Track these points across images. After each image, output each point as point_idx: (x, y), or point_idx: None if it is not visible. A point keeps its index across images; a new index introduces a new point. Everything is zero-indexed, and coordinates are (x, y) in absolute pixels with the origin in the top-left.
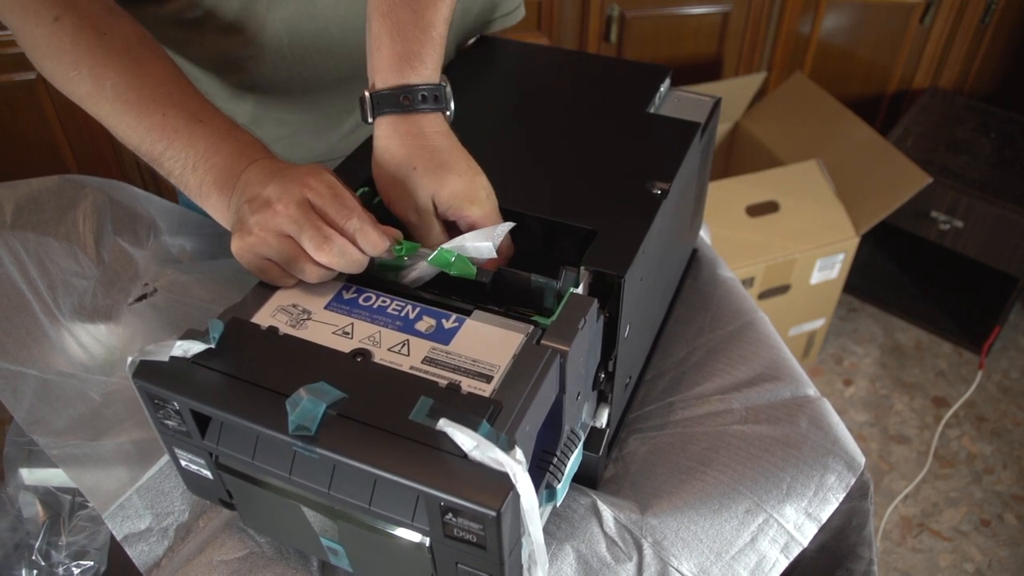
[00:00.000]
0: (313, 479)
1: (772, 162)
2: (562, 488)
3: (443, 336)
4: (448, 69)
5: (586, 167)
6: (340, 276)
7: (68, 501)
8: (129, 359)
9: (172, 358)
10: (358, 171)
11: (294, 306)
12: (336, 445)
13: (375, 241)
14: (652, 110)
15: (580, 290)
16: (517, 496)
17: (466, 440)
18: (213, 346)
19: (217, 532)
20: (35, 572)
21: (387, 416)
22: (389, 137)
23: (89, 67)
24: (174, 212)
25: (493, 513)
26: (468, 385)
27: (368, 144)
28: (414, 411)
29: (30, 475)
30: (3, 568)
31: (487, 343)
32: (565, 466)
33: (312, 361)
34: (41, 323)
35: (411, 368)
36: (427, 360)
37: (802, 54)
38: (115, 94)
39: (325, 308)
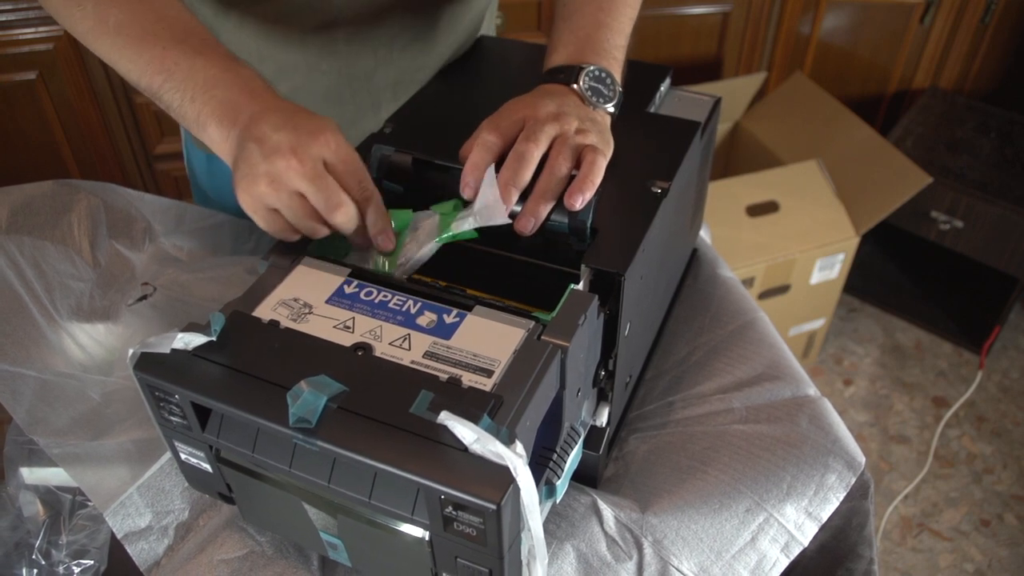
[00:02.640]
0: (313, 472)
1: (772, 162)
2: (562, 485)
3: (444, 331)
4: (447, 69)
5: None
6: (340, 271)
7: (68, 500)
8: (131, 351)
9: (173, 350)
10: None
11: (295, 300)
12: (336, 438)
13: (383, 214)
14: (652, 109)
15: (581, 287)
16: (517, 490)
17: (467, 433)
18: (214, 339)
19: (217, 531)
20: (35, 571)
21: (388, 409)
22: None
23: (93, 3)
24: (171, 209)
25: (493, 506)
26: (469, 379)
27: (369, 142)
28: (415, 404)
29: (30, 474)
30: (3, 567)
31: (488, 338)
32: (565, 463)
33: (313, 354)
34: (39, 325)
35: (412, 362)
36: (428, 354)
37: (802, 54)
38: (117, 29)
39: (326, 302)
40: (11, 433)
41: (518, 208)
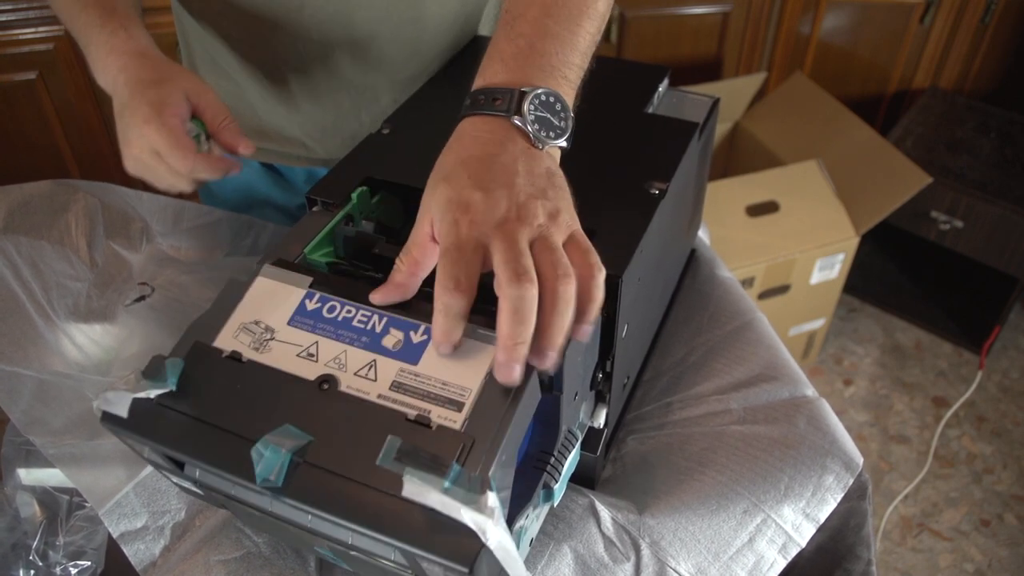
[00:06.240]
0: (293, 514)
1: (772, 162)
2: (559, 488)
3: (411, 353)
4: (444, 70)
5: (584, 166)
6: (302, 281)
7: (65, 501)
8: (94, 403)
9: (135, 400)
10: (356, 171)
11: (256, 323)
12: (304, 497)
13: (211, 170)
14: (650, 110)
15: None
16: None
17: (431, 499)
18: (174, 389)
19: (214, 532)
20: (32, 572)
21: (354, 462)
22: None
23: None
24: (168, 206)
25: (465, 569)
26: (438, 415)
27: (367, 142)
28: (381, 455)
29: (28, 475)
30: (1, 568)
31: (458, 360)
32: (562, 466)
33: (276, 395)
34: (36, 325)
35: (379, 396)
36: (395, 385)
37: (802, 54)
38: None
39: (288, 324)
40: (8, 433)
41: None
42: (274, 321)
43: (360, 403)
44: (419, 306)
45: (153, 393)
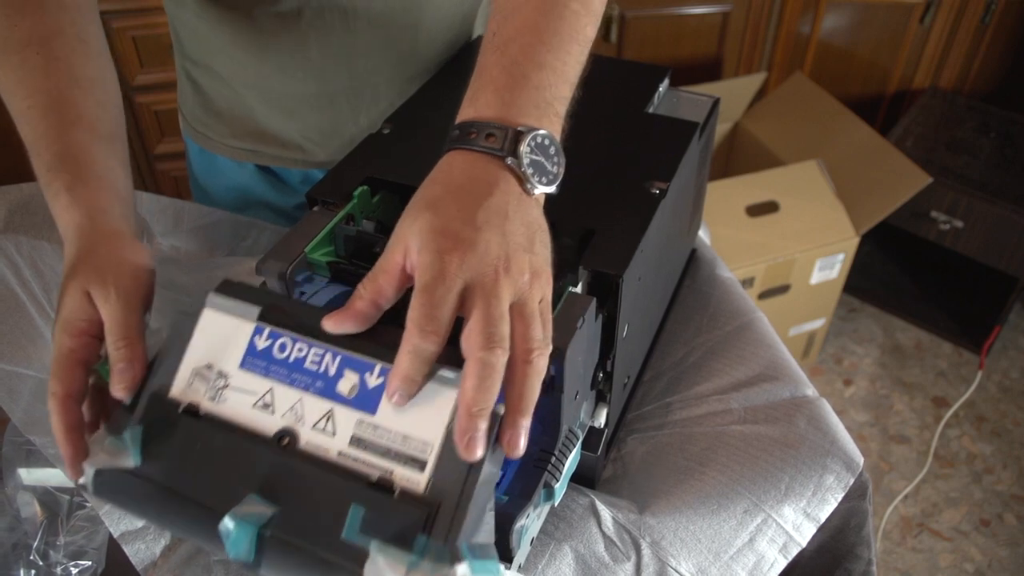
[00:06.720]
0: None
1: (772, 162)
2: (560, 488)
3: (368, 401)
4: (443, 70)
5: (585, 166)
6: (249, 313)
7: (66, 501)
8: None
9: (104, 470)
10: (356, 170)
11: (208, 367)
12: (277, 571)
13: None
14: (651, 110)
15: (578, 289)
16: None
17: None
18: (138, 462)
19: None
20: (33, 572)
21: (321, 534)
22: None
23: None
24: (168, 207)
25: None
26: (400, 476)
27: (368, 142)
28: (346, 528)
29: (28, 475)
30: (1, 568)
31: (417, 406)
32: (563, 466)
33: (237, 457)
34: (37, 325)
35: (339, 454)
36: (355, 440)
37: (802, 54)
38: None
39: (241, 367)
40: (9, 433)
41: None
42: (226, 364)
43: (321, 463)
44: (375, 338)
45: (118, 464)
